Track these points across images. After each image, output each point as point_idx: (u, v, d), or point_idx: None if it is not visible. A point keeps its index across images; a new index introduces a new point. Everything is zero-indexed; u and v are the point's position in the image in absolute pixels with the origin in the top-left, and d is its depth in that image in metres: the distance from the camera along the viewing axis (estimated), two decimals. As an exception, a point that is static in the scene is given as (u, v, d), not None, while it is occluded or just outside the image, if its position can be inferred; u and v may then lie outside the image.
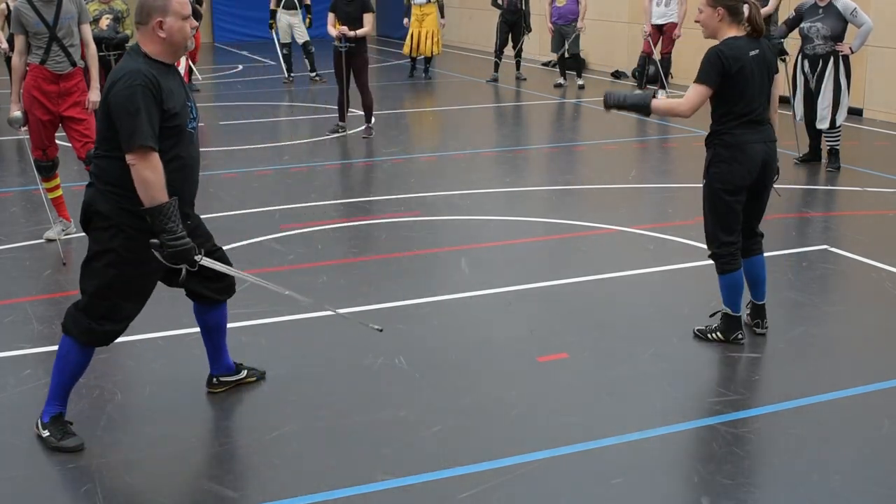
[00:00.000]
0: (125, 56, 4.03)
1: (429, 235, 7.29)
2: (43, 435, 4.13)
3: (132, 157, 3.84)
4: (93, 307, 4.03)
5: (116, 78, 3.90)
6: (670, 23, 13.05)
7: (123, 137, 3.84)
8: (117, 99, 3.86)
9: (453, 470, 3.94)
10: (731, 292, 5.12)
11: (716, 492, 3.81)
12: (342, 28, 10.60)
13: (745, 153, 4.91)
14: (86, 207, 4.03)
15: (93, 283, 4.02)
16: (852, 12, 8.83)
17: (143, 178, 3.84)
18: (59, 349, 4.14)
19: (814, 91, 9.14)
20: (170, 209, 3.87)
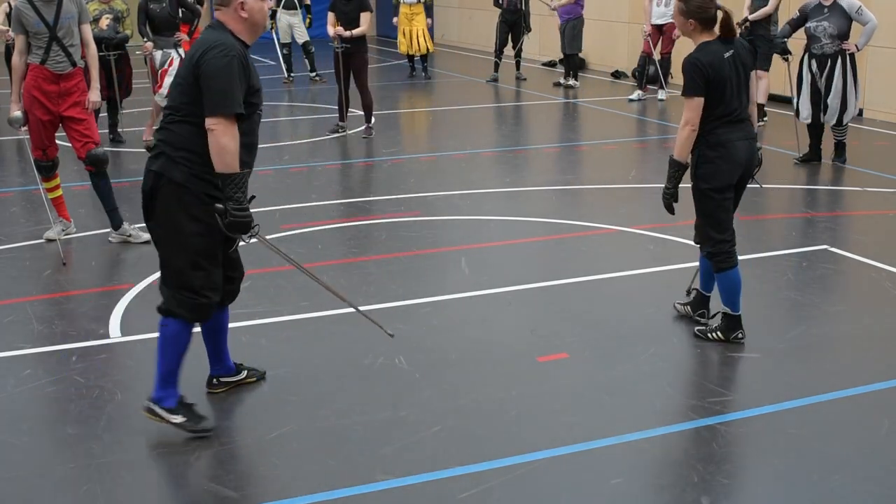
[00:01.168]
0: (209, 29, 4.09)
1: (429, 235, 7.29)
2: (175, 421, 4.19)
3: (215, 122, 3.90)
4: (192, 280, 4.09)
5: (209, 45, 3.96)
6: (670, 23, 13.02)
7: (212, 101, 3.91)
8: (213, 64, 3.91)
9: (453, 470, 3.94)
10: (729, 291, 5.15)
11: (716, 492, 3.81)
12: (338, 28, 10.60)
13: (729, 152, 5.00)
14: (155, 178, 4.04)
15: (185, 256, 4.07)
16: (857, 10, 8.86)
17: (222, 144, 3.90)
18: (163, 334, 4.17)
19: (822, 90, 9.13)
20: (241, 179, 3.96)
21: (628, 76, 16.03)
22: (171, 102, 4.10)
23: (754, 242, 7.05)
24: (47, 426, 4.39)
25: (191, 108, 3.99)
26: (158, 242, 4.17)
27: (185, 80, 4.02)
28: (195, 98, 3.97)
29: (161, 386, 4.20)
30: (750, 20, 11.20)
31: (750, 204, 8.37)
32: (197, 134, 3.97)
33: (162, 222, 4.10)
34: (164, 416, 4.20)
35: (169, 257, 4.13)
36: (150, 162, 4.09)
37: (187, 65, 4.02)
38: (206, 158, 3.96)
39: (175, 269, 4.11)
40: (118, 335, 5.38)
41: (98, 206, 7.29)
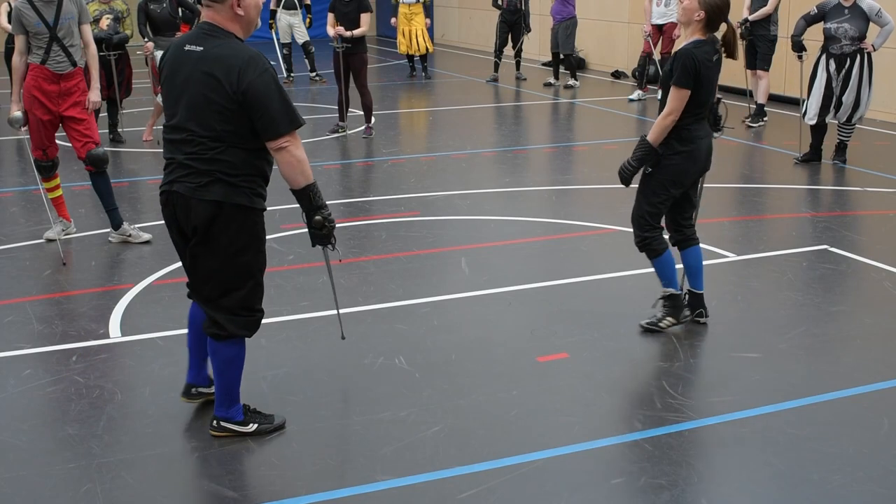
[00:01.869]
0: (217, 40, 3.84)
1: (429, 235, 7.29)
2: (251, 430, 4.20)
3: (286, 139, 3.80)
4: (252, 299, 4.04)
5: (242, 65, 3.75)
6: (670, 23, 13.03)
7: (275, 124, 3.78)
8: (260, 85, 3.75)
9: (453, 470, 3.94)
10: (666, 271, 5.35)
11: (715, 492, 3.81)
12: (338, 28, 10.61)
13: (697, 148, 5.17)
14: (215, 207, 3.85)
15: (248, 278, 4.00)
16: (877, 13, 8.90)
17: (298, 157, 3.84)
18: (224, 356, 4.08)
19: (838, 89, 9.12)
20: (317, 186, 3.96)
21: (628, 76, 16.03)
22: (208, 131, 3.83)
23: (754, 242, 7.06)
24: (47, 426, 4.39)
25: (238, 135, 3.83)
26: (219, 269, 3.96)
27: (225, 108, 3.78)
28: (242, 124, 3.81)
29: (227, 403, 4.18)
30: (750, 20, 11.20)
31: (750, 204, 8.39)
32: (253, 157, 3.88)
33: (223, 249, 3.92)
34: (239, 430, 4.19)
35: (230, 285, 3.97)
36: (202, 191, 3.85)
37: (218, 89, 3.77)
38: (262, 176, 3.95)
39: (238, 293, 4.00)
40: (118, 335, 5.38)
41: (98, 206, 7.29)
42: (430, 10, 16.74)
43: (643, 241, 5.28)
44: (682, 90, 5.03)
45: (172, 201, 3.96)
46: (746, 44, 11.34)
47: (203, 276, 4.01)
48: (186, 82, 3.86)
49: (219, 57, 3.81)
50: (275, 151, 3.84)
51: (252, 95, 3.75)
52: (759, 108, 11.54)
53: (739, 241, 7.09)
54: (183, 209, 3.91)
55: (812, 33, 9.48)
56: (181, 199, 3.90)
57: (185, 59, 3.88)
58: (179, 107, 3.90)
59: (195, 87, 3.83)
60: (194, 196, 3.87)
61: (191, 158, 3.87)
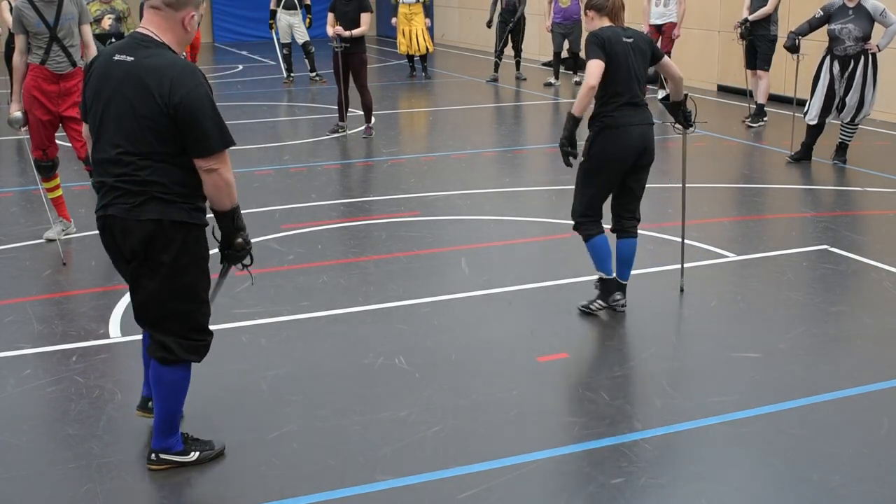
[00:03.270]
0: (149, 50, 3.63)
1: (429, 235, 7.29)
2: (192, 459, 3.99)
3: (215, 161, 3.61)
4: (200, 320, 3.85)
5: (175, 77, 3.56)
6: (669, 23, 13.04)
7: (205, 142, 3.59)
8: (193, 100, 3.56)
9: (453, 470, 3.94)
10: (600, 256, 5.54)
11: (716, 492, 3.81)
12: (337, 28, 10.61)
13: (625, 134, 5.34)
14: (153, 226, 3.64)
15: (193, 298, 3.80)
16: (882, 13, 8.91)
17: (227, 180, 3.66)
18: (170, 381, 3.85)
19: (842, 90, 9.12)
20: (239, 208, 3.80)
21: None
22: (137, 149, 3.60)
23: (754, 242, 7.06)
24: (47, 426, 4.39)
25: (166, 149, 3.62)
26: (159, 290, 3.74)
27: (150, 119, 3.57)
28: (171, 140, 3.60)
29: (166, 434, 3.95)
30: (750, 20, 11.20)
31: (750, 204, 8.39)
32: (185, 174, 3.66)
33: (165, 270, 3.71)
34: (179, 461, 3.98)
35: (175, 306, 3.77)
36: (137, 211, 3.64)
37: (145, 100, 3.56)
38: (198, 191, 3.71)
39: (183, 315, 3.80)
40: (118, 335, 5.38)
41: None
42: (430, 10, 16.75)
43: (576, 226, 5.57)
44: (592, 60, 5.20)
45: (109, 225, 3.73)
46: (746, 44, 11.35)
47: (146, 298, 3.78)
48: (113, 95, 3.64)
49: (152, 67, 3.59)
50: (202, 171, 3.63)
51: (184, 110, 3.55)
52: (759, 108, 11.54)
53: (739, 241, 7.09)
54: (121, 232, 3.70)
55: (815, 34, 9.48)
56: (117, 221, 3.69)
57: (113, 70, 3.66)
58: (105, 122, 3.67)
59: (122, 100, 3.62)
60: (129, 217, 3.65)
61: (121, 180, 3.65)
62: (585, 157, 5.43)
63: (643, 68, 5.43)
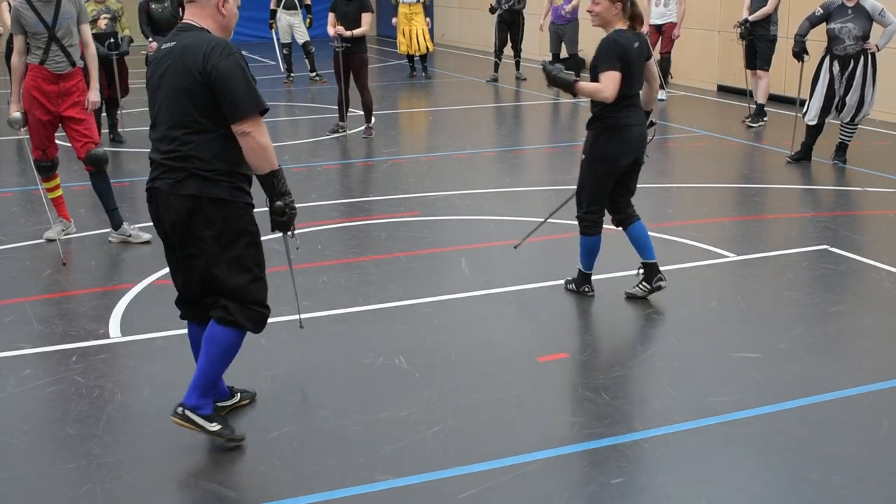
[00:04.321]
0: (186, 32, 3.91)
1: (429, 235, 7.29)
2: (212, 429, 4.07)
3: (249, 124, 3.79)
4: (255, 293, 4.02)
5: (208, 48, 3.80)
6: (669, 23, 13.04)
7: (238, 105, 3.78)
8: (225, 66, 3.78)
9: (453, 470, 3.94)
10: (589, 254, 5.83)
11: (716, 492, 3.81)
12: (338, 28, 10.61)
13: (627, 133, 5.54)
14: (192, 202, 3.86)
15: (242, 271, 3.97)
16: (880, 13, 8.92)
17: (263, 143, 3.83)
18: (221, 344, 4.01)
19: (842, 89, 9.12)
20: (283, 173, 3.95)
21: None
22: (181, 123, 3.86)
23: (754, 242, 7.06)
24: (47, 426, 4.39)
25: (207, 119, 3.84)
26: (208, 266, 3.95)
27: (190, 91, 3.82)
28: (210, 108, 3.83)
29: (201, 394, 4.05)
30: (750, 21, 11.20)
31: (750, 204, 8.39)
32: (226, 147, 3.86)
33: (208, 245, 3.91)
34: (202, 424, 4.05)
35: (224, 278, 3.95)
36: (177, 186, 3.87)
37: (185, 73, 3.81)
38: (241, 168, 3.92)
39: (235, 286, 3.96)
40: (118, 335, 5.38)
41: (98, 206, 7.29)
42: (430, 10, 16.74)
43: (579, 219, 5.78)
44: (611, 72, 5.31)
45: (154, 198, 3.99)
46: (746, 44, 11.35)
47: (201, 275, 3.99)
48: (162, 77, 3.92)
49: (188, 45, 3.87)
50: (239, 136, 3.82)
51: (217, 76, 3.78)
52: (759, 108, 11.54)
53: (739, 241, 7.09)
54: (164, 205, 3.94)
55: (815, 34, 9.47)
56: (162, 195, 3.94)
57: (163, 58, 3.94)
58: (157, 105, 3.96)
59: (169, 80, 3.89)
60: (172, 192, 3.89)
61: (167, 157, 3.90)
62: (588, 154, 5.62)
63: (641, 72, 5.58)
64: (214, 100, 3.81)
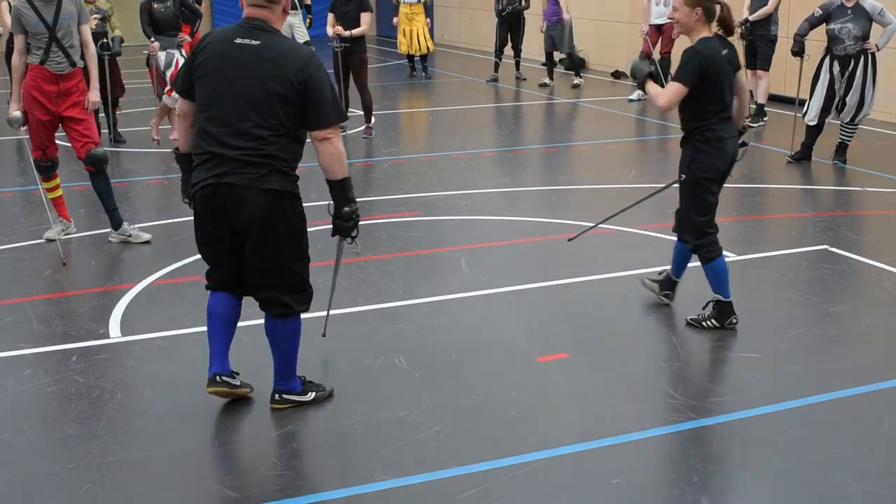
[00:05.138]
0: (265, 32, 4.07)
1: (429, 235, 7.29)
2: (309, 398, 4.45)
3: (330, 132, 4.06)
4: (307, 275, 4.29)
5: (304, 59, 4.05)
6: (669, 23, 13.01)
7: (327, 113, 4.05)
8: (320, 77, 4.05)
9: (453, 470, 3.94)
10: (718, 278, 5.33)
11: (716, 492, 3.81)
12: (337, 28, 10.61)
13: (723, 147, 5.24)
14: (275, 197, 4.05)
15: (304, 259, 4.26)
16: (880, 13, 8.93)
17: (340, 150, 4.10)
18: (289, 331, 4.31)
19: (842, 90, 9.13)
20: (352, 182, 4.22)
21: (628, 76, 16.02)
22: (269, 124, 4.02)
23: (754, 242, 7.06)
24: (47, 426, 4.39)
25: (292, 122, 4.06)
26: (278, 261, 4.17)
27: (286, 97, 4.00)
28: (298, 114, 4.04)
29: (289, 376, 4.40)
30: (750, 20, 11.19)
31: (750, 204, 8.39)
32: (299, 148, 4.15)
33: (285, 237, 4.14)
34: (300, 400, 4.43)
35: (291, 266, 4.21)
36: (261, 182, 4.03)
37: (283, 80, 3.99)
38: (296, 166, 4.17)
39: (298, 273, 4.24)
40: (118, 335, 5.38)
41: (98, 206, 7.29)
42: (430, 10, 16.75)
43: (696, 248, 5.35)
44: (679, 84, 5.08)
45: (222, 193, 4.06)
46: (746, 44, 11.34)
47: (270, 265, 4.17)
48: (240, 74, 4.01)
49: (285, 48, 4.09)
50: (319, 142, 4.06)
51: (312, 85, 4.01)
52: (759, 108, 11.54)
53: (739, 241, 7.08)
54: (235, 201, 4.04)
55: (815, 34, 9.48)
56: (236, 190, 4.03)
57: (237, 53, 4.04)
58: (229, 99, 4.03)
59: (255, 79, 4.00)
60: (253, 186, 4.02)
61: (245, 153, 4.02)
62: (689, 173, 5.24)
63: (733, 82, 5.25)
64: (304, 106, 4.04)
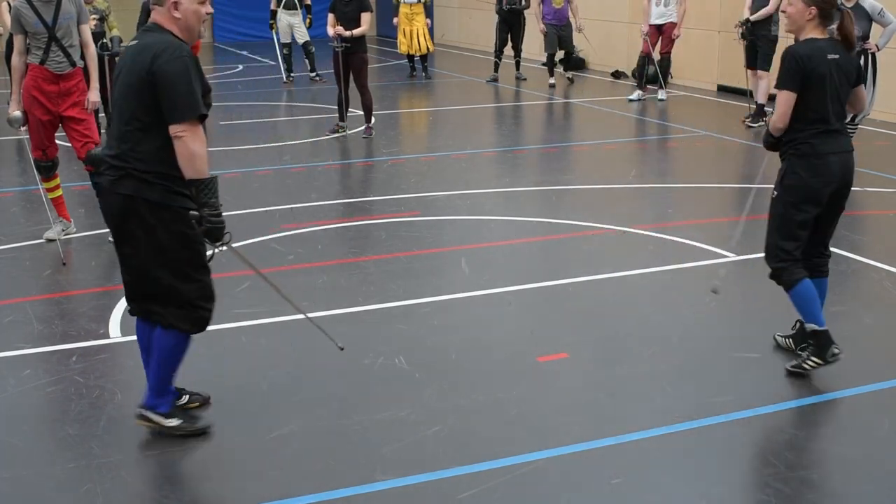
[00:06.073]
0: (146, 32, 3.99)
1: (429, 235, 7.29)
2: (171, 425, 4.17)
3: (182, 128, 3.81)
4: (187, 294, 4.02)
5: (159, 50, 3.85)
6: (669, 22, 13.04)
7: (175, 107, 3.82)
8: (169, 68, 3.82)
9: (453, 470, 3.94)
10: (807, 304, 4.73)
11: (716, 492, 3.81)
12: (338, 28, 10.61)
13: (821, 163, 4.63)
14: (127, 201, 3.90)
15: (173, 272, 3.99)
16: (879, 13, 8.93)
17: (192, 150, 3.82)
18: (162, 346, 4.08)
19: None
20: (214, 184, 3.90)
21: (628, 76, 16.03)
22: (126, 119, 3.91)
23: (755, 242, 7.04)
24: (47, 426, 4.39)
25: (148, 117, 3.87)
26: (142, 266, 4.00)
27: (136, 88, 3.87)
28: (152, 106, 3.85)
29: (156, 394, 4.15)
30: (751, 20, 11.19)
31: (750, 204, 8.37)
32: (164, 147, 3.86)
33: (142, 244, 3.95)
34: (160, 422, 4.16)
35: (157, 277, 3.99)
36: (115, 184, 3.92)
37: (135, 71, 3.86)
38: (177, 170, 3.87)
39: (166, 286, 4.00)
40: (118, 335, 5.38)
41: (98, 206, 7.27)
42: (430, 10, 16.75)
43: (772, 273, 4.81)
44: (785, 92, 4.55)
45: (100, 192, 4.16)
46: (747, 44, 11.35)
47: (135, 275, 4.05)
48: (119, 75, 4.01)
49: (145, 43, 3.94)
50: (173, 138, 3.83)
51: (160, 76, 3.82)
52: (760, 108, 11.54)
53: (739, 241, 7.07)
54: (105, 202, 4.07)
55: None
56: (104, 191, 4.04)
57: (124, 56, 4.04)
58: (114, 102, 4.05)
59: (123, 77, 3.97)
60: (111, 189, 3.96)
61: (109, 154, 3.98)
62: (778, 189, 4.72)
63: (845, 92, 4.69)
64: (156, 98, 3.84)
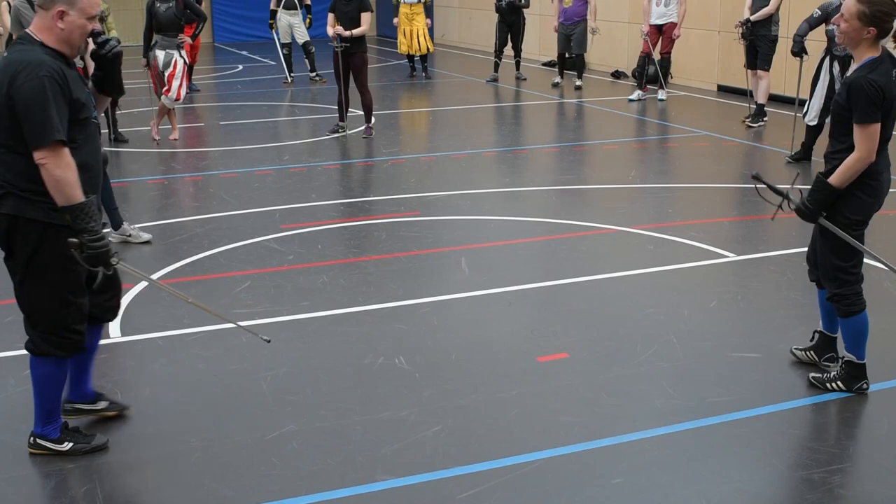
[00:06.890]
0: (18, 46, 3.75)
1: (429, 235, 7.29)
2: (65, 449, 4.06)
3: (42, 155, 3.62)
4: (64, 319, 3.90)
5: (17, 70, 3.64)
6: (670, 23, 13.04)
7: (33, 134, 3.62)
8: (24, 91, 3.62)
9: (453, 470, 3.94)
10: (856, 337, 4.63)
11: (716, 492, 3.81)
12: (337, 28, 10.61)
13: (878, 182, 4.54)
14: (10, 220, 3.76)
15: (53, 296, 3.86)
16: None
17: (56, 176, 3.64)
18: (40, 375, 3.99)
19: None
20: (89, 208, 3.71)
21: (628, 76, 16.03)
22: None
23: (754, 242, 7.06)
24: (47, 426, 4.38)
25: (13, 140, 3.69)
26: (22, 284, 3.89)
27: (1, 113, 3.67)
28: (14, 129, 3.67)
29: (44, 422, 4.07)
30: (751, 20, 11.19)
31: (750, 204, 8.38)
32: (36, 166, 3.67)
33: (24, 264, 3.82)
34: (53, 448, 4.07)
35: (36, 300, 3.88)
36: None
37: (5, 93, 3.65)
38: None
39: (44, 310, 3.90)
40: (118, 335, 5.38)
41: (98, 206, 7.28)
42: (430, 10, 16.75)
43: (835, 297, 4.61)
44: (868, 126, 4.32)
45: None
46: (747, 44, 11.35)
47: (16, 292, 3.93)
48: None
49: (8, 61, 3.72)
50: (38, 164, 3.65)
51: (17, 100, 3.64)
52: (759, 108, 11.54)
53: (739, 241, 7.09)
54: None
55: (815, 34, 9.48)
56: None
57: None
58: None
59: None
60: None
61: None
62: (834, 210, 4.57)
63: None
64: (18, 122, 3.65)
